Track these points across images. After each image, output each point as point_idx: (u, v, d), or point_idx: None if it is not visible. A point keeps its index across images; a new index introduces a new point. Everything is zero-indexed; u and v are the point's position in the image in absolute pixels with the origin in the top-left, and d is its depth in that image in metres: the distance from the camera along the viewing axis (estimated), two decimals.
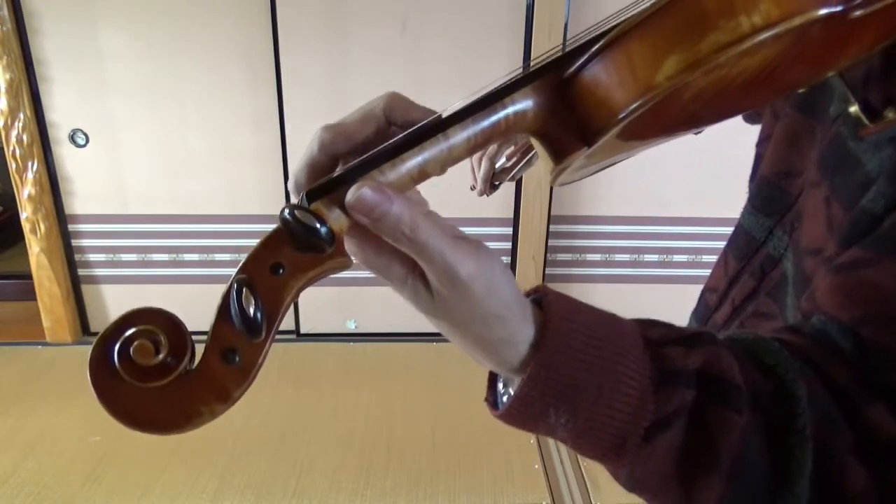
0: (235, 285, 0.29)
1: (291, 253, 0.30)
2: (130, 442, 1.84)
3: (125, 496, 1.66)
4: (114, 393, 0.28)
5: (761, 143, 0.58)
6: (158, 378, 0.28)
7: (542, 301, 0.35)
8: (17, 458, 1.78)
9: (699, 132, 0.79)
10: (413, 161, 0.31)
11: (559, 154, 0.33)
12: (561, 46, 0.34)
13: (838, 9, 0.28)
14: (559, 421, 0.34)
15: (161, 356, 0.28)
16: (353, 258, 0.32)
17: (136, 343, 0.28)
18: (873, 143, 0.40)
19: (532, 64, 0.34)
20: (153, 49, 2.10)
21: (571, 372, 0.33)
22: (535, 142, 0.35)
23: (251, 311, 0.28)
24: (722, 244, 0.61)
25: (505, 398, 0.38)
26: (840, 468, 0.34)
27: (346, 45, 2.10)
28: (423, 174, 0.32)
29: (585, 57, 0.31)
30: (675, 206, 2.34)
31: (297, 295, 0.30)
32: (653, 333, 0.35)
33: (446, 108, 0.34)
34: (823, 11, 0.28)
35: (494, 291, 0.31)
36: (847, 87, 0.42)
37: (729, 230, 0.60)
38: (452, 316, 0.32)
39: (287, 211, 0.30)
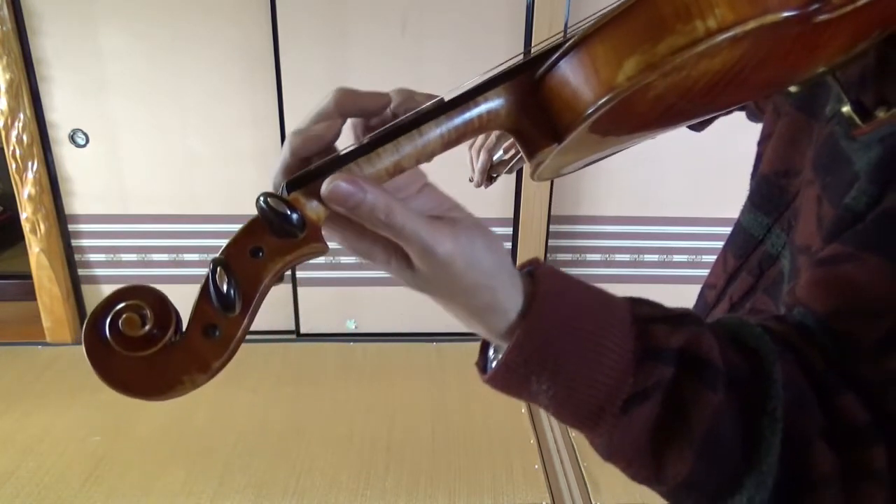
0: (212, 265, 0.31)
1: (270, 238, 0.32)
2: (130, 442, 1.84)
3: (125, 496, 1.66)
4: (105, 361, 0.30)
5: (762, 142, 0.58)
6: (145, 348, 0.30)
7: (535, 272, 0.36)
8: (17, 458, 1.77)
9: (700, 130, 0.80)
10: (388, 156, 0.33)
11: (531, 150, 0.35)
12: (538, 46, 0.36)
13: (794, 13, 0.29)
14: (541, 387, 0.35)
15: (147, 328, 0.30)
16: (332, 243, 0.34)
17: (124, 316, 0.30)
18: (864, 143, 0.41)
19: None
20: (153, 49, 2.10)
21: (556, 342, 0.34)
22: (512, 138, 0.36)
23: (224, 287, 0.30)
24: (721, 244, 0.61)
25: (493, 364, 0.39)
26: (808, 450, 0.35)
27: (346, 44, 2.10)
28: (398, 168, 0.33)
29: (554, 58, 0.33)
30: (675, 206, 2.34)
31: (277, 276, 0.32)
32: (641, 310, 0.37)
33: (395, 87, 0.36)
34: (783, 15, 0.29)
35: (476, 264, 0.33)
36: (840, 87, 0.42)
37: (728, 230, 0.60)
38: (436, 289, 0.34)
39: (262, 198, 0.32)
